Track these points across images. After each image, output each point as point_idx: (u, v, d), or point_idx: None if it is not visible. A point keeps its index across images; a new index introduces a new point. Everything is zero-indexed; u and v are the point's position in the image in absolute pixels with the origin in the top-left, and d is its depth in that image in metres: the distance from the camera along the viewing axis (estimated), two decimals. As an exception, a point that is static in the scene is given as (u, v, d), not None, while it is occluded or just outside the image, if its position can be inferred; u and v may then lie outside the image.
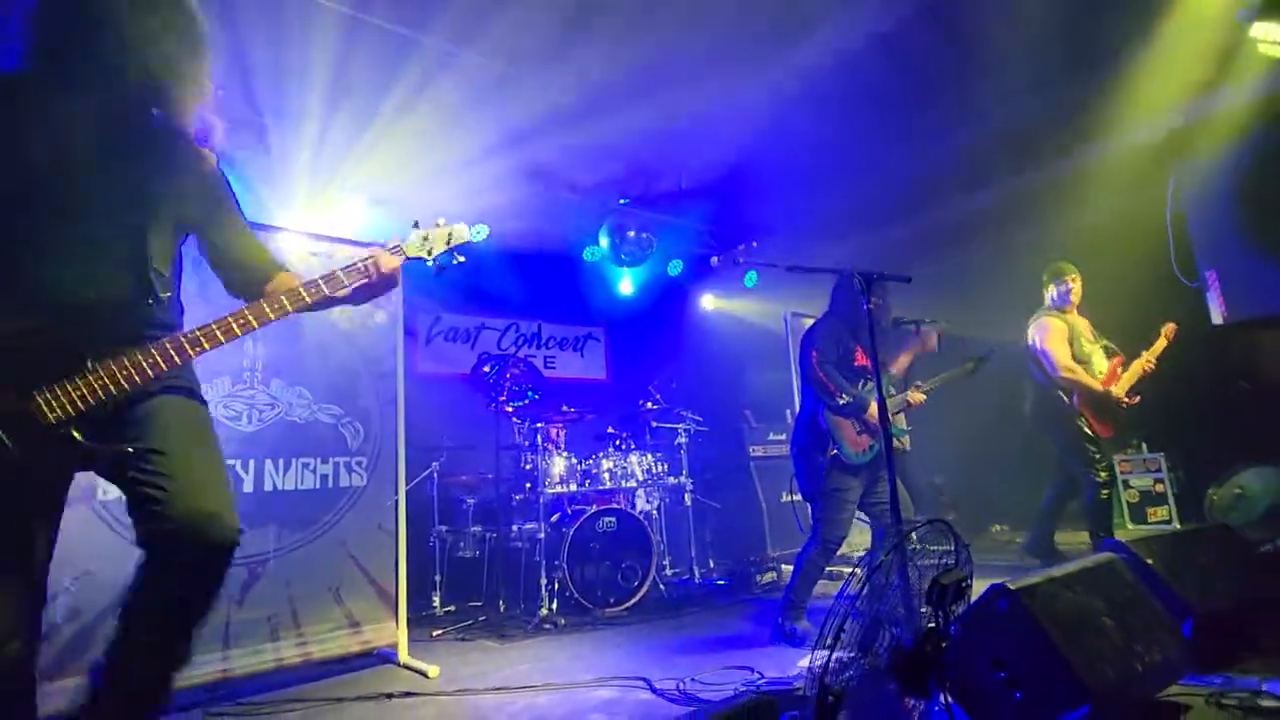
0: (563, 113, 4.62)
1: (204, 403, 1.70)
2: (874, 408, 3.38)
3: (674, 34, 4.20)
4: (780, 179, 5.80)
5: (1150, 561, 2.40)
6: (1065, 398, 4.33)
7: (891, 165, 5.73)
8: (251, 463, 3.20)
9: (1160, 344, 4.38)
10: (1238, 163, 4.86)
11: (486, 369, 5.02)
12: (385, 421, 3.64)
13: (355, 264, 1.76)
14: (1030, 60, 4.33)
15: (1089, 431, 4.28)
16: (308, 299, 1.66)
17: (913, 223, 6.14)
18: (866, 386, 3.52)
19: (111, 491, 2.71)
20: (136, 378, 1.47)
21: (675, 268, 6.74)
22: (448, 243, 1.94)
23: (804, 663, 2.06)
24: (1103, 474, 4.25)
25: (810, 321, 4.98)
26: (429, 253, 1.91)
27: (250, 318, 1.60)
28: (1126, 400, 4.29)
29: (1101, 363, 4.39)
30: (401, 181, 5.21)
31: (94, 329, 1.47)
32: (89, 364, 1.43)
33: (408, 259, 1.88)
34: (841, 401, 3.42)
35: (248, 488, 3.17)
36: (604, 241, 6.11)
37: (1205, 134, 4.81)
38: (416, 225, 1.94)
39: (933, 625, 1.63)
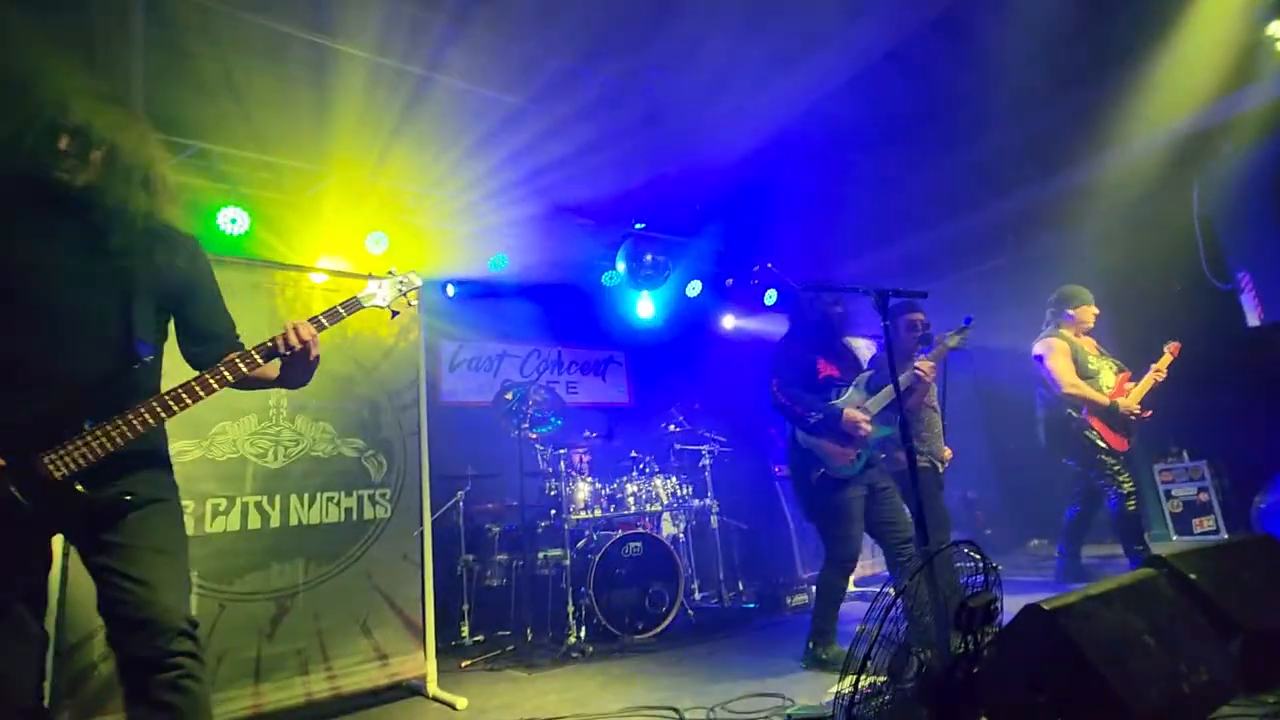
0: (577, 143, 4.69)
1: (175, 490, 1.83)
2: (850, 413, 3.28)
3: (685, 57, 4.26)
4: (796, 196, 5.80)
5: (1193, 577, 2.30)
6: (1075, 414, 4.30)
7: (908, 179, 5.71)
8: (278, 498, 3.24)
9: (1166, 359, 4.35)
10: (1265, 162, 4.75)
11: (509, 396, 5.04)
12: (408, 452, 3.67)
13: (264, 342, 1.84)
14: (1045, 67, 4.30)
15: (1103, 444, 4.23)
16: (230, 377, 1.79)
17: (931, 235, 6.10)
18: (843, 396, 3.41)
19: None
20: (129, 434, 1.63)
21: (694, 289, 6.75)
22: (400, 291, 2.11)
23: (834, 689, 2.01)
24: (1126, 485, 4.18)
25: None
26: (385, 301, 2.10)
27: (210, 381, 1.76)
28: (1139, 413, 4.22)
29: (1110, 378, 4.37)
30: (419, 214, 5.32)
31: (86, 396, 1.63)
32: (86, 427, 1.59)
33: (362, 308, 2.06)
34: (812, 420, 3.31)
35: (274, 523, 3.21)
36: (621, 266, 6.15)
37: (1229, 135, 4.72)
38: (370, 277, 2.10)
39: (962, 650, 1.59)
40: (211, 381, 1.76)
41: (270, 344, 1.84)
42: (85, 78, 1.85)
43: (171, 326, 1.91)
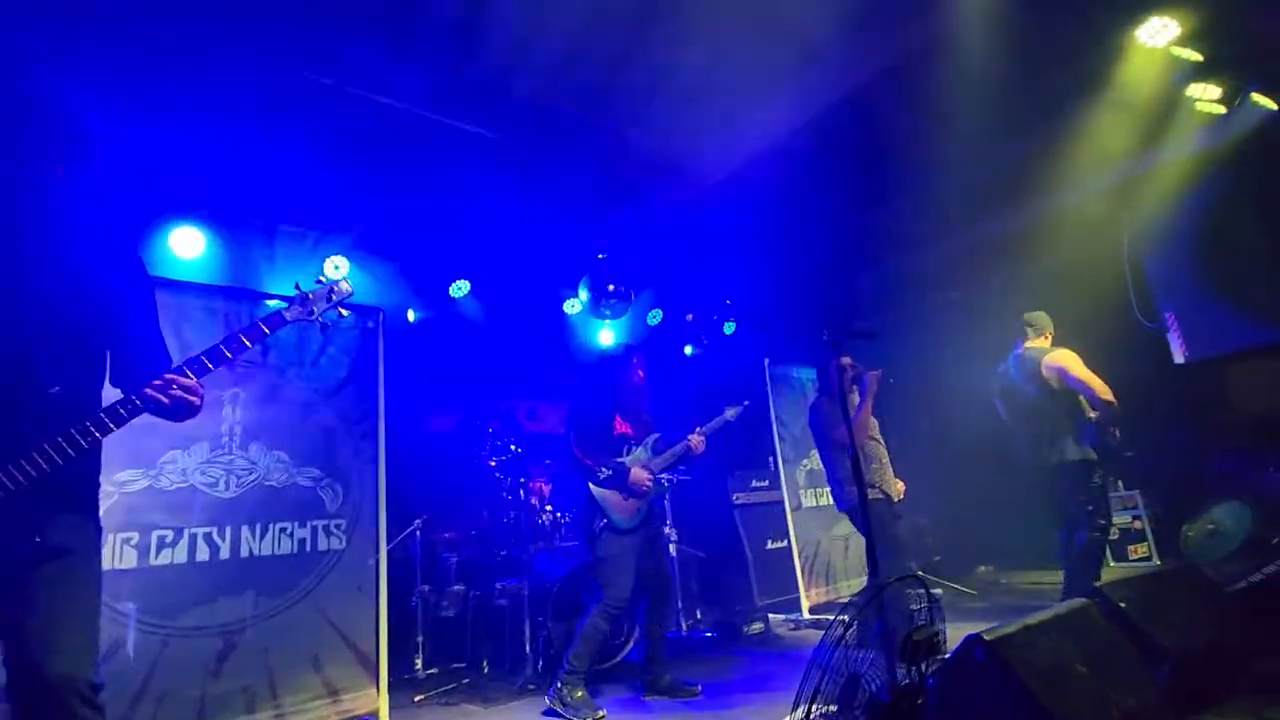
0: (539, 175, 4.76)
1: (94, 537, 1.73)
2: (637, 473, 3.58)
3: (644, 93, 4.38)
4: (752, 232, 5.96)
5: (1123, 605, 2.44)
6: (1111, 427, 3.87)
7: (860, 216, 5.93)
8: (229, 530, 3.17)
9: None
10: (1188, 209, 5.09)
11: (469, 424, 5.02)
12: (365, 482, 3.63)
13: (154, 383, 1.70)
14: (988, 116, 4.55)
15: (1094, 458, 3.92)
16: (100, 434, 1.65)
17: (882, 270, 6.33)
18: (633, 455, 3.72)
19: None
20: (34, 473, 1.54)
21: (655, 318, 6.84)
22: (330, 299, 1.98)
23: (788, 719, 2.05)
24: (1100, 518, 3.92)
25: (797, 370, 5.04)
26: (310, 314, 1.96)
27: (120, 411, 1.66)
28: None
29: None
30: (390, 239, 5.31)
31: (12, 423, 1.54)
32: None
33: (288, 323, 1.92)
34: (602, 476, 3.57)
35: (224, 555, 3.13)
36: (584, 294, 6.21)
37: (1156, 183, 5.06)
38: (297, 288, 1.97)
39: (907, 682, 1.65)
40: (121, 411, 1.65)
41: (136, 401, 1.68)
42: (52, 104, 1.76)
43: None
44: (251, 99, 3.89)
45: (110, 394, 1.75)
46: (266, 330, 1.83)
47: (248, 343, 1.79)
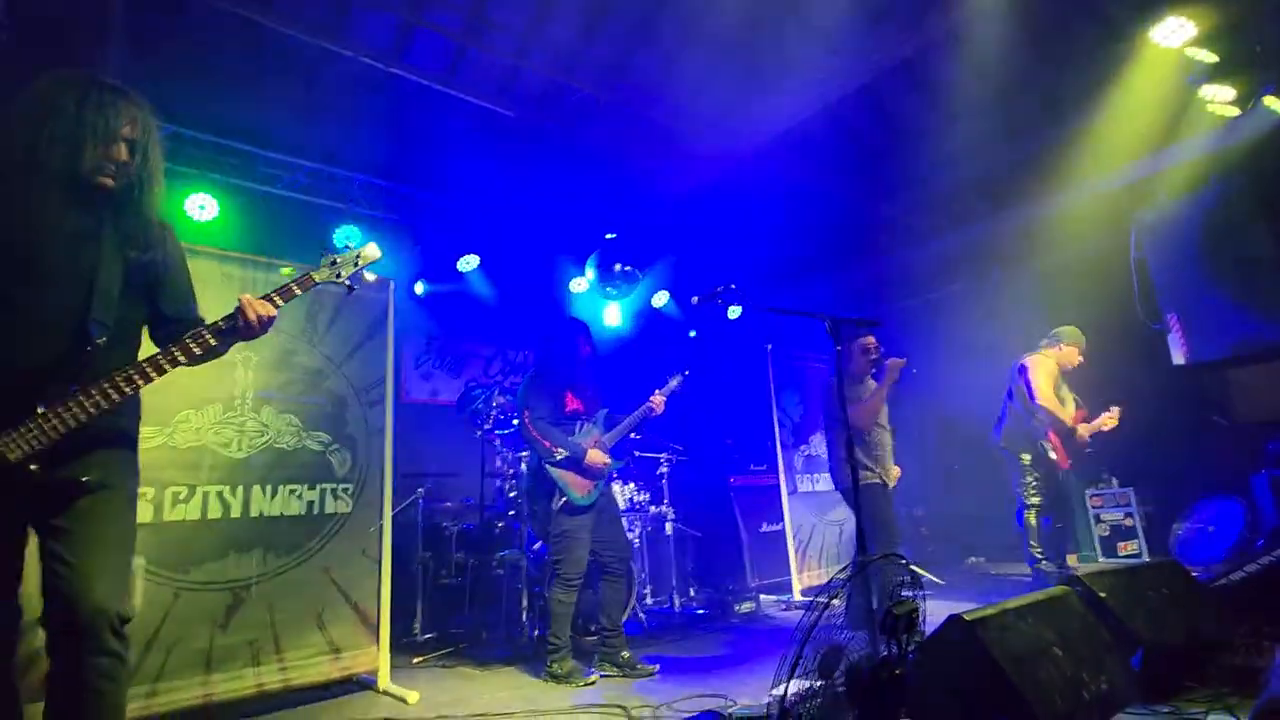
0: (553, 153, 4.80)
1: (133, 476, 1.85)
2: (593, 455, 3.64)
3: (662, 75, 4.41)
4: (762, 218, 6.00)
5: (1103, 595, 2.52)
6: (1038, 422, 4.61)
7: (870, 207, 5.96)
8: (240, 489, 3.26)
9: (1116, 416, 4.69)
10: (1195, 212, 5.11)
11: (473, 397, 5.10)
12: (372, 449, 3.71)
13: (219, 321, 1.87)
14: (999, 113, 4.57)
15: (1053, 456, 4.55)
16: (182, 358, 1.80)
17: (889, 261, 6.36)
18: (583, 429, 3.78)
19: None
20: (81, 416, 1.66)
21: (660, 300, 6.90)
22: (356, 264, 2.06)
23: (776, 691, 2.15)
24: (1033, 498, 4.60)
25: (799, 356, 5.09)
26: (338, 276, 2.04)
27: (160, 363, 1.78)
28: (1087, 445, 4.63)
29: (1072, 410, 4.71)
30: (391, 211, 5.37)
31: (37, 380, 1.64)
32: (40, 410, 1.62)
33: (316, 285, 2.01)
34: (558, 457, 3.63)
35: (235, 513, 3.23)
36: (591, 273, 6.26)
37: (1164, 184, 5.07)
38: (325, 251, 2.07)
39: (886, 654, 1.74)
40: (163, 362, 1.77)
41: (223, 323, 1.86)
42: (135, 89, 1.84)
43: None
44: (271, 68, 3.94)
45: (148, 347, 1.88)
46: (298, 290, 1.95)
47: (282, 302, 1.92)
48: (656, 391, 3.86)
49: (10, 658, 1.76)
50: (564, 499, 3.61)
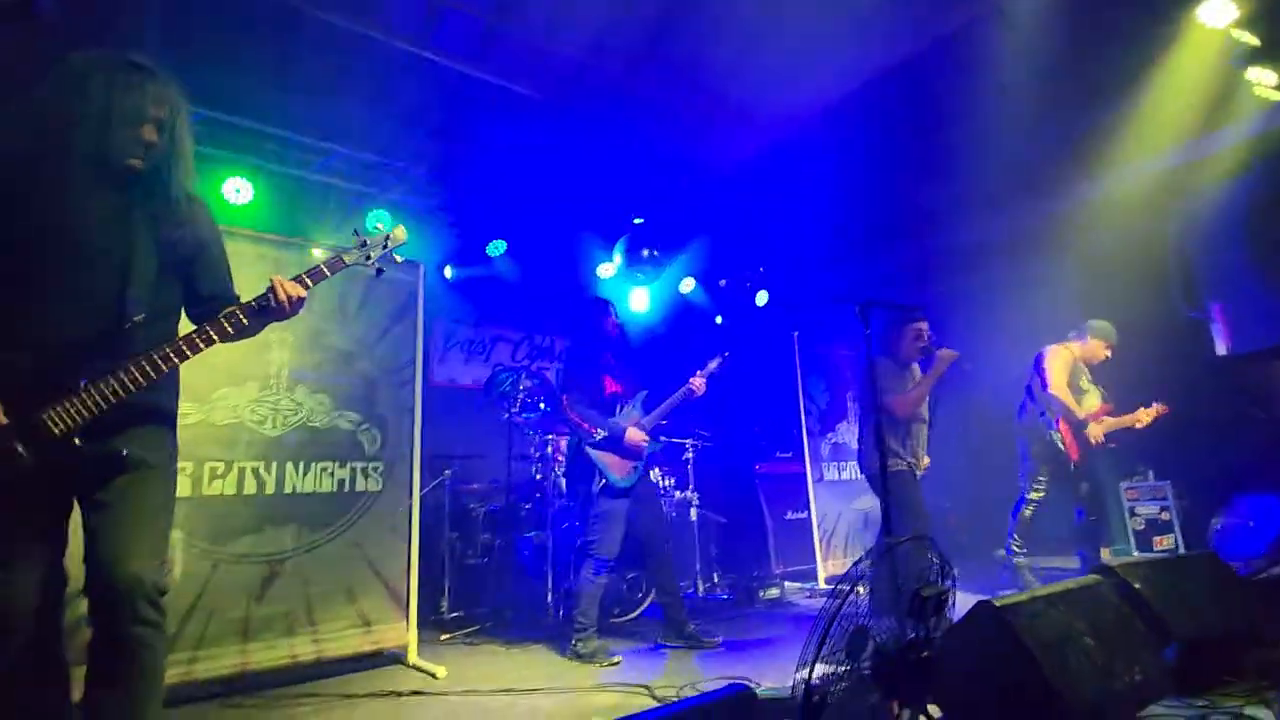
0: (582, 135, 4.79)
1: (172, 452, 1.90)
2: (632, 433, 3.65)
3: (695, 52, 4.36)
4: (795, 203, 5.93)
5: (1137, 586, 2.47)
6: (1049, 413, 4.60)
7: (906, 192, 5.85)
8: (274, 465, 3.34)
9: (1152, 414, 4.65)
10: (1240, 198, 4.93)
11: (500, 380, 5.15)
12: (401, 429, 3.77)
13: (252, 301, 1.91)
14: (1039, 95, 4.44)
15: (1062, 448, 4.53)
16: (215, 337, 1.83)
17: (925, 248, 6.25)
18: (623, 411, 3.79)
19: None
20: (120, 392, 1.70)
21: (688, 286, 6.87)
22: (385, 246, 2.10)
23: (801, 674, 2.15)
24: (1035, 494, 4.66)
25: (826, 343, 5.04)
26: (367, 258, 2.08)
27: (196, 340, 1.82)
28: (1100, 441, 4.54)
29: (1094, 403, 4.63)
30: (425, 196, 5.42)
31: (80, 355, 1.69)
32: (82, 384, 1.66)
33: (346, 266, 2.05)
34: (598, 437, 3.65)
35: (269, 490, 3.31)
36: (619, 258, 6.26)
37: (1207, 170, 4.91)
38: (356, 233, 2.11)
39: (914, 636, 1.73)
40: (198, 340, 1.80)
41: (256, 303, 1.90)
42: (163, 68, 1.86)
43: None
44: (301, 54, 3.98)
45: (185, 325, 1.92)
46: (328, 272, 1.98)
47: (312, 283, 1.98)
48: (697, 373, 3.87)
49: (58, 621, 1.81)
50: (604, 481, 3.66)
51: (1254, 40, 3.83)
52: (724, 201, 5.95)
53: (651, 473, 5.20)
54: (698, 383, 3.84)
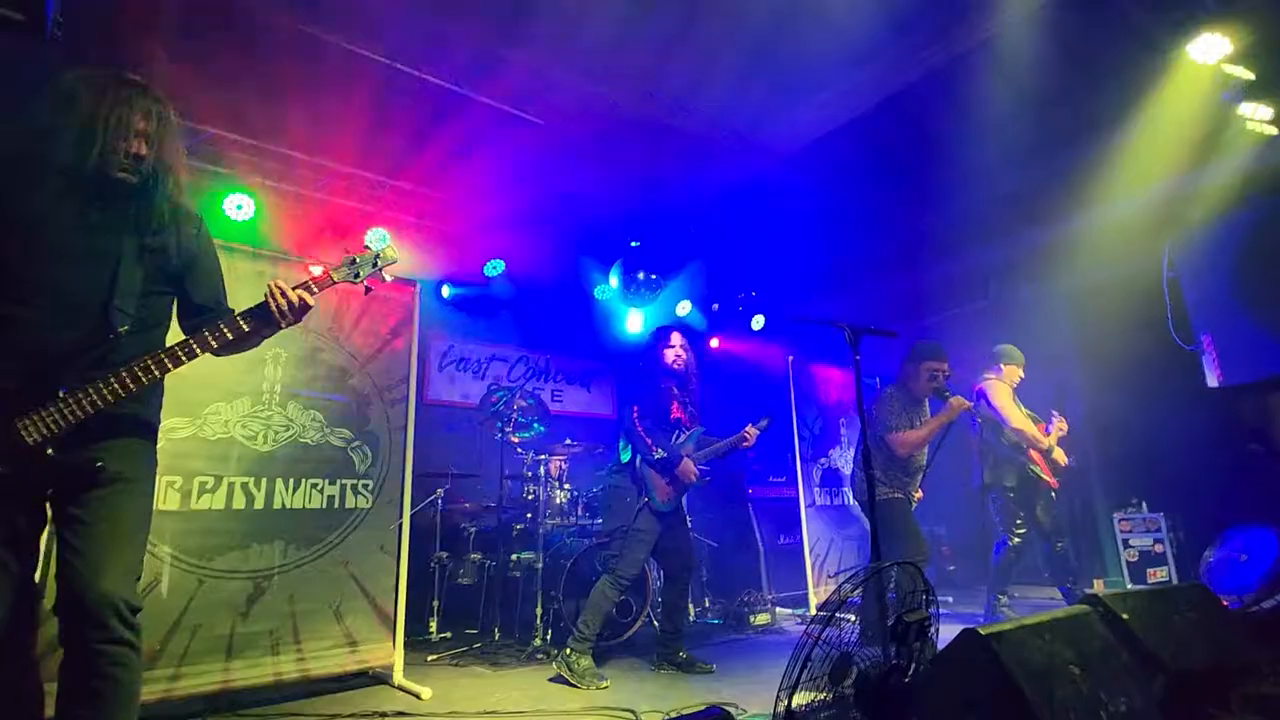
0: (582, 160, 4.85)
1: (150, 467, 1.88)
2: (686, 465, 3.71)
3: (691, 85, 4.44)
4: (789, 231, 5.99)
5: (1125, 616, 2.46)
6: (1018, 453, 4.65)
7: (898, 220, 5.92)
8: (264, 481, 3.33)
9: (1060, 422, 4.73)
10: (1232, 232, 5.00)
11: (495, 399, 5.15)
12: (393, 447, 3.77)
13: (238, 314, 1.90)
14: (1032, 126, 4.53)
15: (1043, 478, 4.60)
16: (199, 351, 1.83)
17: (917, 275, 6.30)
18: (679, 440, 3.84)
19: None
20: (99, 402, 1.69)
21: (683, 308, 6.91)
22: (374, 265, 2.09)
23: (783, 699, 2.13)
24: (1016, 538, 4.64)
25: (820, 368, 5.07)
26: (355, 277, 2.07)
27: (178, 353, 1.81)
28: (1067, 462, 4.68)
29: (1031, 426, 4.70)
30: (424, 215, 5.46)
31: (60, 365, 1.69)
32: (61, 393, 1.66)
33: (333, 283, 2.04)
34: (656, 456, 3.71)
35: (259, 505, 3.30)
36: (615, 280, 6.30)
37: (1198, 203, 4.98)
38: (346, 251, 2.12)
39: (897, 661, 1.72)
40: (180, 353, 1.80)
41: (243, 315, 1.88)
42: (149, 83, 1.90)
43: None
44: (305, 72, 4.05)
45: (175, 335, 1.92)
46: (316, 290, 1.97)
47: (309, 295, 1.96)
48: (750, 425, 3.89)
49: (30, 635, 1.80)
50: (646, 499, 3.71)
51: (1248, 75, 3.90)
52: (720, 229, 6.01)
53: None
54: (751, 433, 3.85)
